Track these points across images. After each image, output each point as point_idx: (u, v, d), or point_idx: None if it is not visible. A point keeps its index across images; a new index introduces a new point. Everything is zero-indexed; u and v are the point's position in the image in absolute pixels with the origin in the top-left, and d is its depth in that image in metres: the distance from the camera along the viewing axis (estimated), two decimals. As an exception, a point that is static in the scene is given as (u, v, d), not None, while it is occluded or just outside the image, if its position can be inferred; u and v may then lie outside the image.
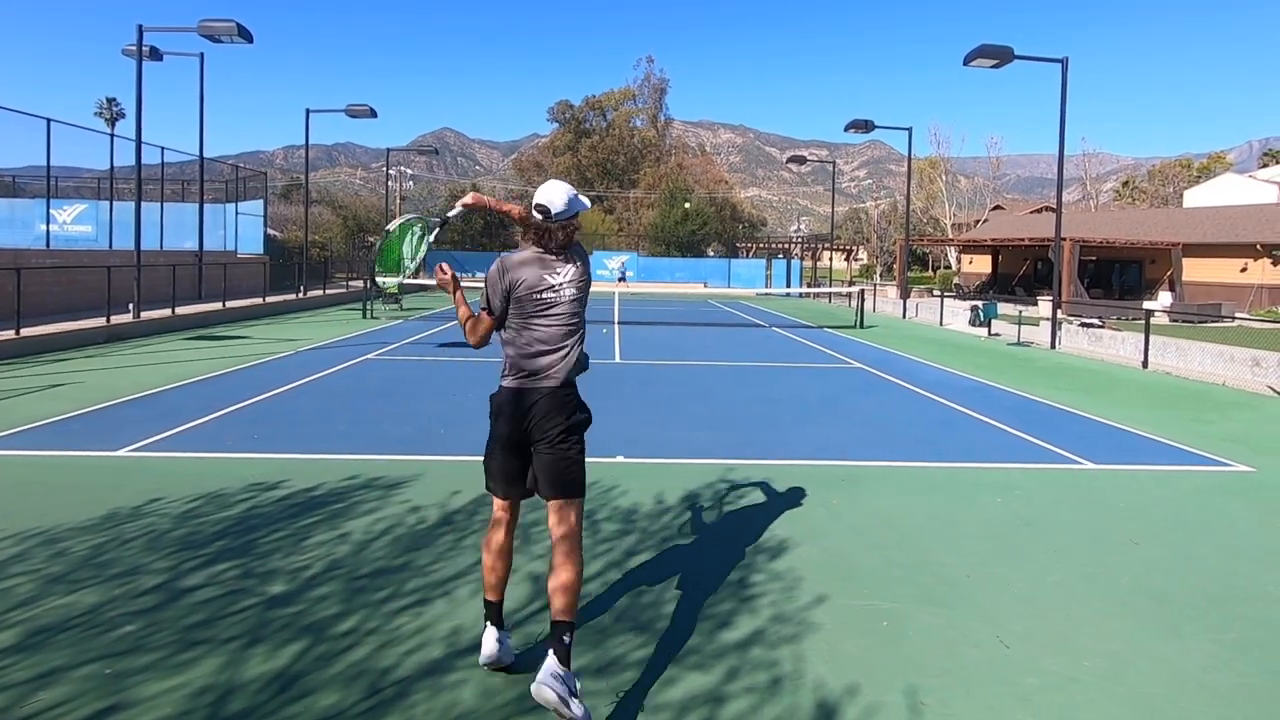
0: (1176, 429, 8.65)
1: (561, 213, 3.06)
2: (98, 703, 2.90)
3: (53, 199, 23.23)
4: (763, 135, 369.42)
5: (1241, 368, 12.86)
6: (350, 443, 7.01)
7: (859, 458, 6.95)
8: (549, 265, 3.10)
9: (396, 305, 23.31)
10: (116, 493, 5.37)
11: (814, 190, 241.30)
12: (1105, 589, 4.25)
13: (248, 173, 29.17)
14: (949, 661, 3.40)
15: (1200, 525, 5.41)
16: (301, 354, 13.01)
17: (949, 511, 5.50)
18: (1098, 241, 33.15)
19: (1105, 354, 15.95)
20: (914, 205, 52.02)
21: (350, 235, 47.06)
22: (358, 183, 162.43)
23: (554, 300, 3.10)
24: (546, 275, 3.09)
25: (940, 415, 9.13)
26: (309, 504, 5.25)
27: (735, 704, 3.01)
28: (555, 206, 3.06)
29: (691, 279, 41.53)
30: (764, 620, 3.73)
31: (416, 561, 4.34)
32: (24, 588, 3.87)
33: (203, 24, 15.54)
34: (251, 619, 3.61)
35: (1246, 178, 45.42)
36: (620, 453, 6.79)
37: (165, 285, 17.48)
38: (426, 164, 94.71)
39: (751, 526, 5.04)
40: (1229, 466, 7.08)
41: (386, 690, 3.05)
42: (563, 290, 3.11)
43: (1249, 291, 30.44)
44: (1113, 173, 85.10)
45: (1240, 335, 18.38)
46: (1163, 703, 3.13)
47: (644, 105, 72.21)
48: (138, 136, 16.66)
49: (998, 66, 17.08)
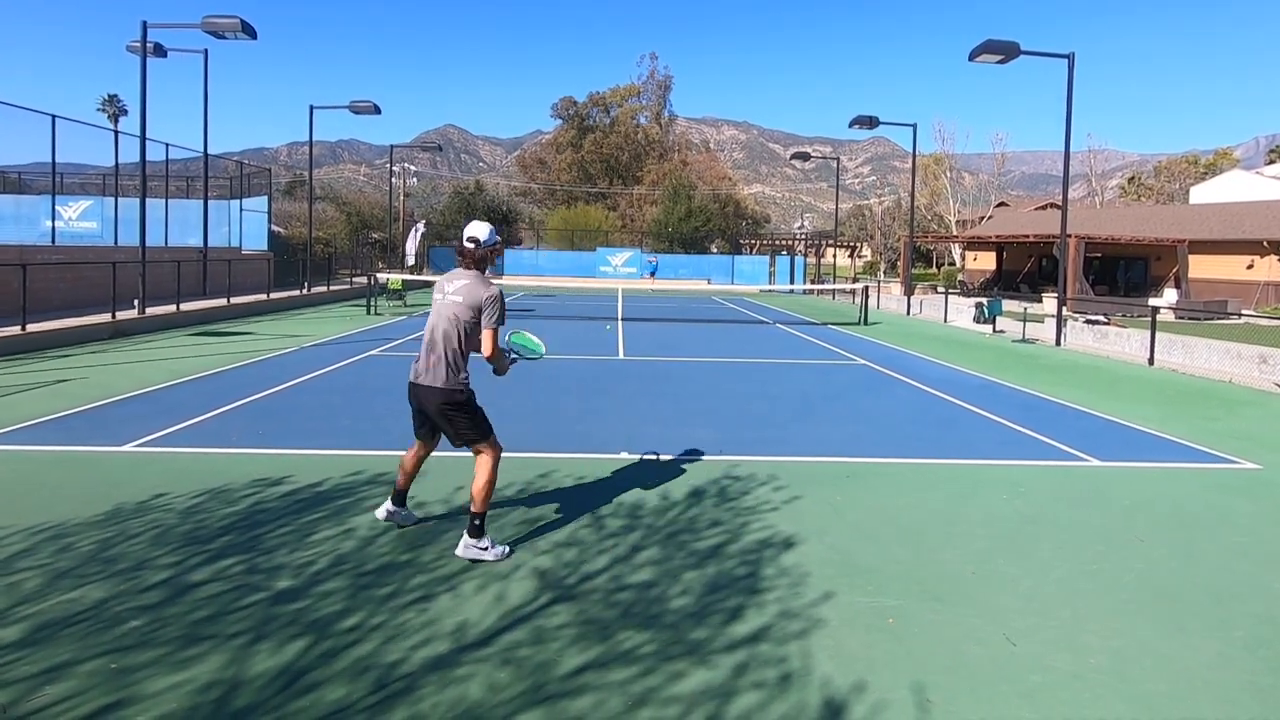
0: (1182, 426, 8.62)
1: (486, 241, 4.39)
2: (104, 697, 2.91)
3: (58, 195, 23.31)
4: (766, 132, 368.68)
5: (1248, 365, 12.82)
6: (354, 438, 7.02)
7: (863, 454, 6.94)
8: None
9: (400, 302, 23.33)
10: (122, 488, 5.39)
11: (818, 187, 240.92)
12: (1110, 586, 4.24)
13: (252, 169, 29.18)
14: (954, 659, 3.40)
15: (1206, 522, 5.39)
16: (305, 350, 13.03)
17: (953, 508, 5.49)
18: (1103, 238, 33.04)
19: (1110, 351, 15.90)
20: (918, 202, 51.91)
21: (354, 232, 47.06)
22: (361, 179, 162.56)
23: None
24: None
25: (944, 412, 9.12)
26: (314, 499, 5.26)
27: (743, 699, 3.01)
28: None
29: (695, 276, 41.51)
30: (770, 616, 3.73)
31: (421, 557, 4.35)
32: (30, 583, 3.88)
33: (207, 20, 15.53)
34: (257, 614, 3.61)
35: (1253, 174, 45.19)
36: (624, 449, 6.79)
37: (170, 281, 17.52)
38: (430, 160, 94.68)
39: (756, 523, 5.04)
40: (1235, 464, 7.05)
41: (393, 684, 3.05)
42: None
43: (1255, 288, 30.32)
44: (1119, 169, 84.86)
45: (1247, 332, 18.30)
46: (1168, 700, 3.12)
47: (648, 102, 72.15)
48: (142, 133, 16.68)
49: (1003, 62, 17.00)
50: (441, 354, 4.27)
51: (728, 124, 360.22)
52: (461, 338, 4.29)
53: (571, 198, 65.57)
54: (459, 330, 4.28)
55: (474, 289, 4.30)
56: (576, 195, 65.83)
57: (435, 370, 4.27)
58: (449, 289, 4.35)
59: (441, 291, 4.38)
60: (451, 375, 4.28)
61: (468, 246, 4.38)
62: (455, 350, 4.29)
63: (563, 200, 66.27)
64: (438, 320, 4.33)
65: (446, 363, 4.27)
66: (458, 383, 4.30)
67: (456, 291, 4.31)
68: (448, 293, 4.34)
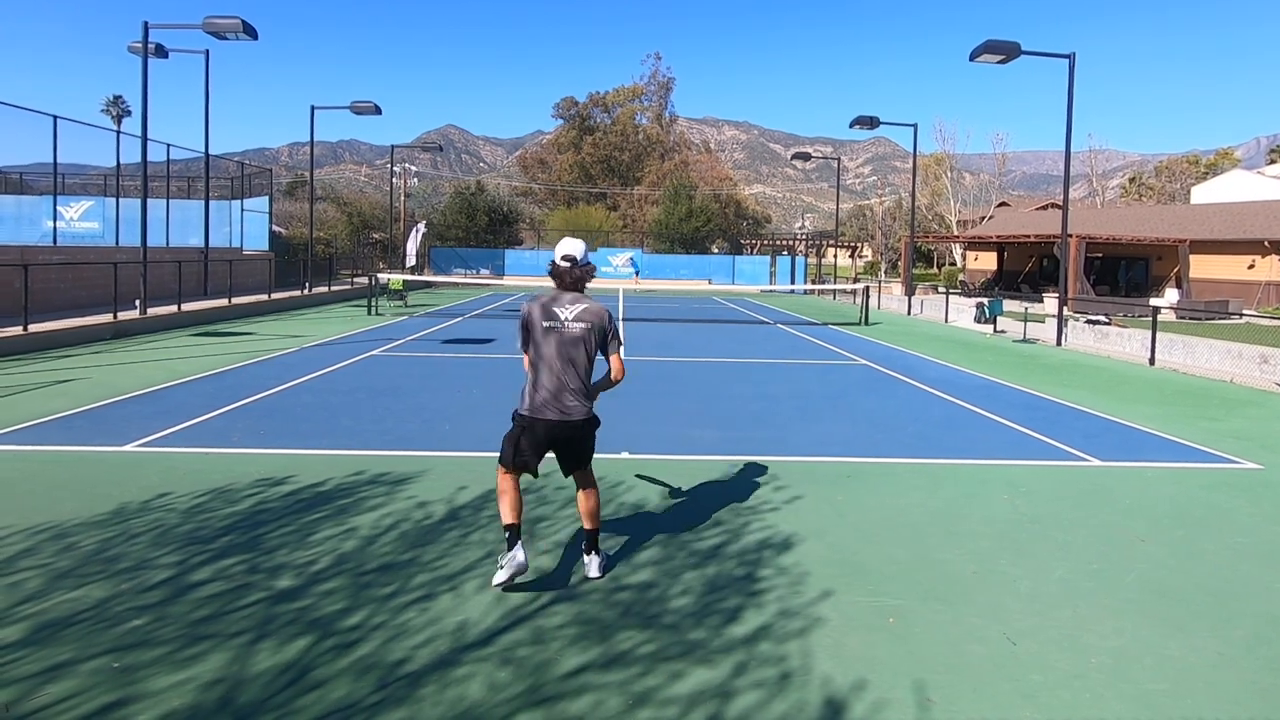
0: (1183, 426, 8.62)
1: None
2: (106, 696, 2.92)
3: (60, 196, 23.34)
4: (767, 132, 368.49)
5: (1249, 365, 12.81)
6: (356, 438, 7.03)
7: (863, 454, 6.94)
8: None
9: (401, 302, 23.34)
10: (124, 488, 5.40)
11: (818, 187, 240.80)
12: (1111, 586, 4.24)
13: (253, 169, 29.21)
14: (955, 658, 3.40)
15: (1207, 522, 5.39)
16: (306, 350, 13.04)
17: (954, 508, 5.50)
18: (1104, 238, 33.04)
19: (1111, 351, 15.90)
20: (919, 202, 51.89)
21: (355, 232, 47.10)
22: (362, 179, 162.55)
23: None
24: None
25: (945, 412, 9.12)
26: (315, 499, 5.27)
27: (743, 699, 3.02)
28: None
29: (696, 276, 41.49)
30: (770, 616, 3.73)
31: (423, 556, 4.36)
32: (32, 582, 3.89)
33: (208, 21, 15.56)
34: (259, 613, 3.62)
35: (1254, 174, 45.19)
36: (625, 449, 6.80)
37: (171, 282, 17.53)
38: (431, 161, 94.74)
39: (756, 523, 5.04)
40: (1236, 464, 7.05)
41: (395, 683, 3.06)
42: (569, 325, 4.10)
43: (1257, 288, 30.30)
44: (1120, 169, 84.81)
45: (1248, 332, 18.30)
46: (1169, 700, 3.12)
47: (650, 103, 72.17)
48: (144, 133, 16.69)
49: (1004, 62, 17.01)
50: (578, 383, 3.99)
51: (728, 124, 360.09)
52: (591, 363, 4.07)
53: (572, 198, 65.60)
54: (588, 356, 4.04)
55: (596, 312, 4.05)
56: (577, 195, 65.85)
57: (575, 403, 3.98)
58: (567, 315, 4.00)
59: (555, 319, 4.00)
60: (589, 404, 4.05)
61: (562, 265, 4.07)
62: (588, 376, 4.06)
63: (564, 200, 66.30)
64: (562, 349, 3.97)
65: (585, 393, 4.02)
66: (592, 410, 4.09)
67: (578, 318, 4.00)
68: (566, 319, 3.99)
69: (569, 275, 4.07)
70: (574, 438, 4.04)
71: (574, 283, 4.09)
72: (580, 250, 4.11)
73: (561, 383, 3.96)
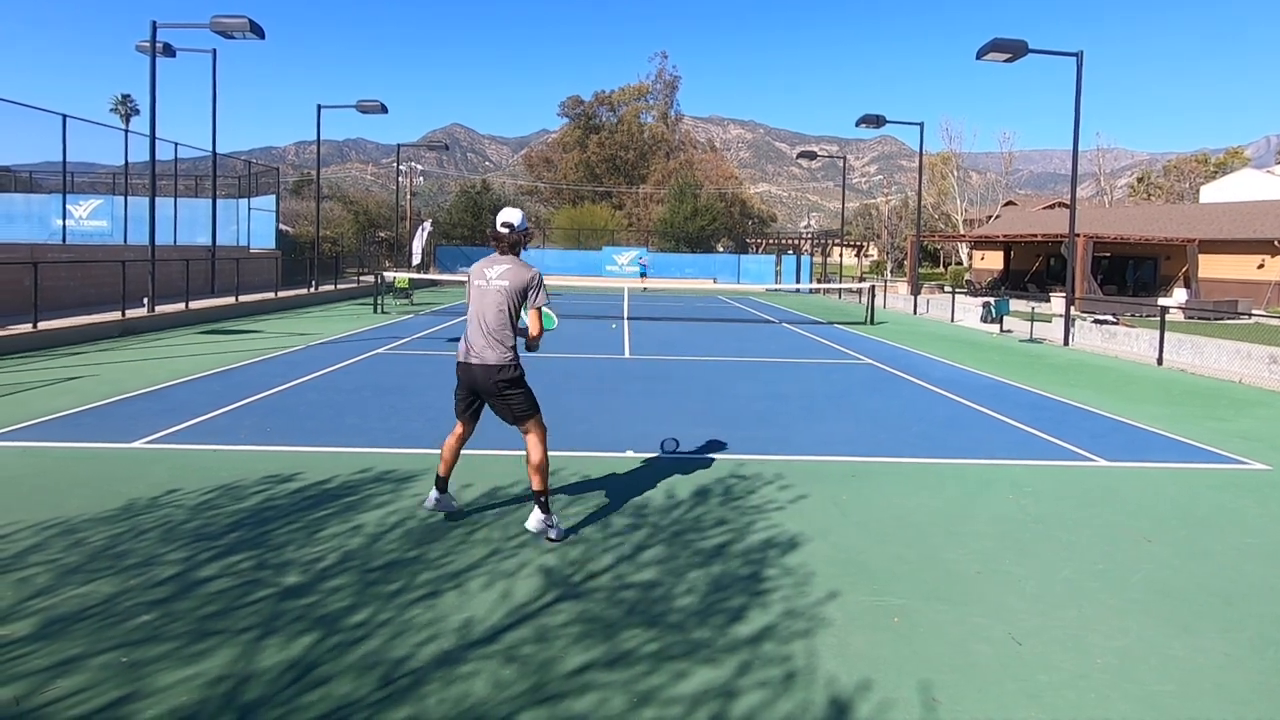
0: (1191, 426, 8.59)
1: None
2: (115, 691, 2.94)
3: (69, 194, 23.43)
4: (773, 131, 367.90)
5: (1258, 365, 12.74)
6: (362, 436, 7.05)
7: (869, 454, 6.93)
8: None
9: (407, 300, 23.39)
10: (132, 484, 5.43)
11: (824, 186, 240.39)
12: (1117, 586, 4.23)
13: (260, 168, 29.30)
14: (960, 658, 3.40)
15: (1214, 523, 5.37)
16: (313, 348, 13.09)
17: (959, 508, 5.49)
18: (1112, 238, 32.86)
19: (1119, 351, 15.83)
20: (925, 201, 51.76)
21: (361, 230, 47.21)
22: (369, 178, 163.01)
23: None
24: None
25: (951, 411, 9.10)
26: (322, 497, 5.29)
27: (748, 698, 3.02)
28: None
29: (701, 275, 41.45)
30: (775, 615, 3.73)
31: (429, 554, 4.37)
32: (41, 577, 3.92)
33: (215, 20, 15.61)
34: (266, 609, 3.64)
35: (1264, 173, 44.87)
36: (630, 448, 6.81)
37: (179, 280, 17.62)
38: (437, 159, 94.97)
39: (761, 522, 5.04)
40: (1244, 464, 7.02)
41: (400, 680, 3.07)
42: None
43: (1266, 288, 30.12)
44: (1128, 168, 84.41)
45: (1257, 332, 18.21)
46: (1175, 701, 3.11)
47: (655, 101, 72.11)
48: (152, 132, 16.76)
49: (1011, 61, 16.94)
50: (492, 334, 4.49)
51: (734, 123, 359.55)
52: (510, 318, 4.52)
53: (578, 197, 65.61)
54: (507, 311, 4.50)
55: (518, 272, 4.53)
56: (583, 194, 65.87)
57: (488, 350, 4.49)
58: (491, 274, 4.55)
59: (483, 277, 4.57)
60: (504, 352, 4.50)
61: (502, 232, 4.58)
62: (505, 329, 4.51)
63: (569, 199, 66.32)
64: (484, 303, 4.52)
65: (498, 341, 4.49)
66: (511, 359, 4.52)
67: (501, 275, 4.53)
68: (491, 277, 4.54)
69: (505, 240, 4.59)
70: (491, 382, 4.51)
71: (510, 247, 4.59)
72: (518, 218, 4.62)
73: (480, 330, 4.52)
